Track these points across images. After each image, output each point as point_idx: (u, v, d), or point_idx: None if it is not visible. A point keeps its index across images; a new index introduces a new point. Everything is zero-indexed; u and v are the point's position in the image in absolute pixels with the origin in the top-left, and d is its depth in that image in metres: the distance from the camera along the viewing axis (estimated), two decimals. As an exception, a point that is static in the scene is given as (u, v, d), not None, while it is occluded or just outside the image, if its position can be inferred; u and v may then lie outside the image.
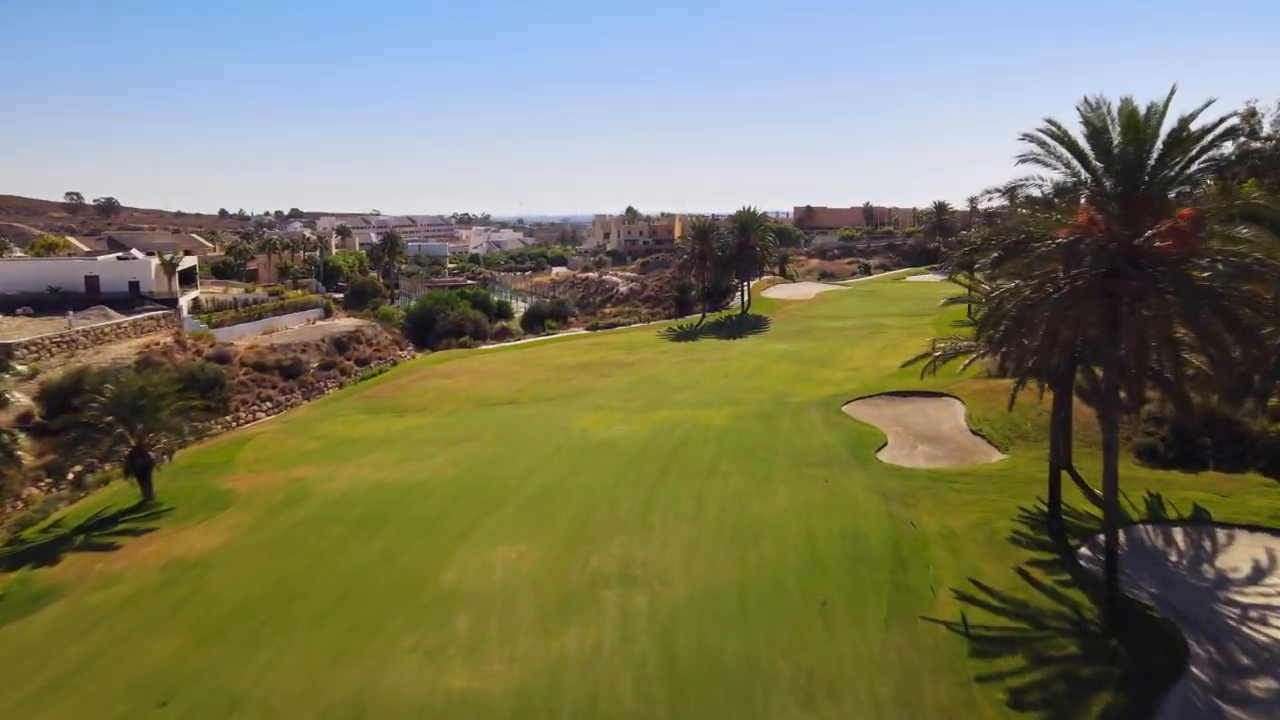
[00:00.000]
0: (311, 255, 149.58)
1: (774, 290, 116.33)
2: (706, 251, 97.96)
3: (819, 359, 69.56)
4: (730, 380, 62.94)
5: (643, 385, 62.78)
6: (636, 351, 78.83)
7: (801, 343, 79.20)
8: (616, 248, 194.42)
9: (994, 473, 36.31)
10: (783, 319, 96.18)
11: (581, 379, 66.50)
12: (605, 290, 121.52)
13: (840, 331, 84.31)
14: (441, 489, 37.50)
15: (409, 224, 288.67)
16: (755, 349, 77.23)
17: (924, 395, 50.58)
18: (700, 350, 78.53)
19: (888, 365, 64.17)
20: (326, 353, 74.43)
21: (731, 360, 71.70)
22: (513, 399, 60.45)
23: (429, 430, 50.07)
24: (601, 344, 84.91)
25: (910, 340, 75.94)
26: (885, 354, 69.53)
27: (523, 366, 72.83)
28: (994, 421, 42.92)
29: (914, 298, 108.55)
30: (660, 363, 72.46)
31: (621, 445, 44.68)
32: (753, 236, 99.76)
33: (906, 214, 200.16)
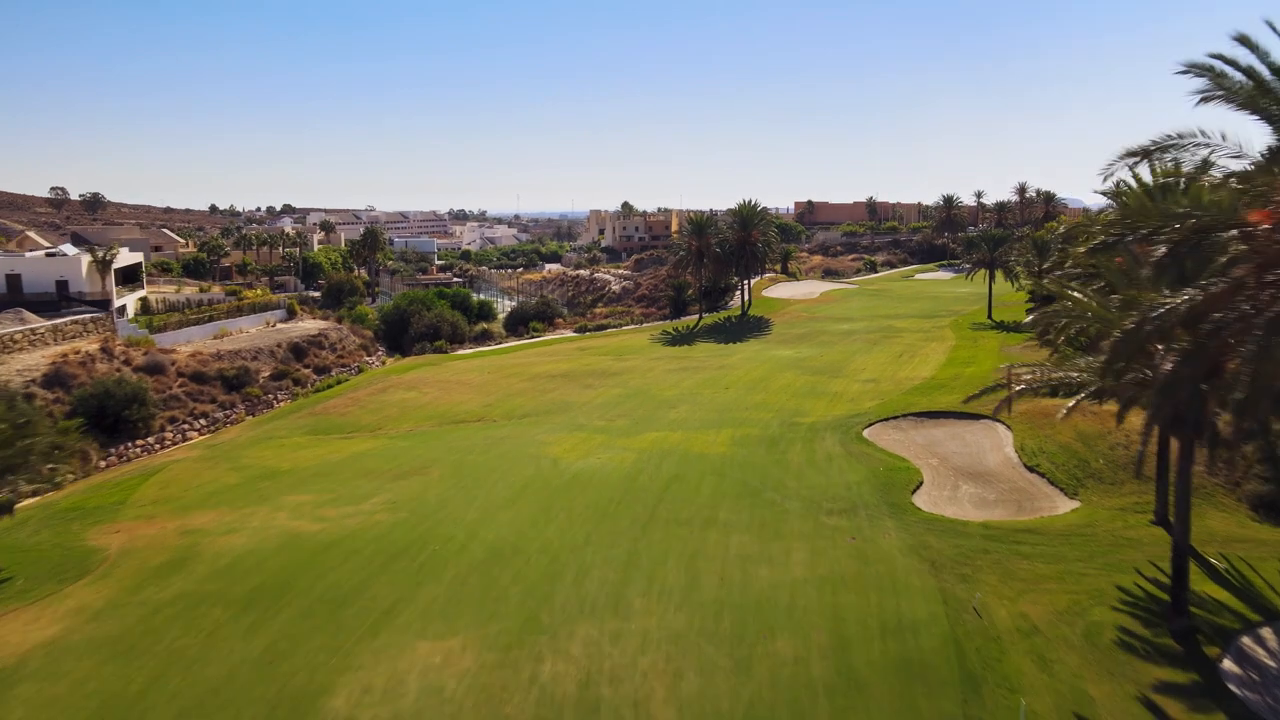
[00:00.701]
0: (291, 252, 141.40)
1: (776, 289, 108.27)
2: (704, 248, 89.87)
3: (829, 368, 61.50)
4: (730, 394, 54.89)
5: (631, 400, 54.73)
6: (626, 358, 70.78)
7: (808, 348, 71.16)
8: (611, 244, 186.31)
9: (1069, 529, 28.18)
10: (786, 321, 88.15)
11: (562, 391, 58.44)
12: (596, 289, 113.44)
13: (849, 335, 76.26)
14: (368, 547, 29.42)
15: (401, 219, 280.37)
16: (757, 356, 69.18)
17: (959, 418, 42.56)
18: (697, 357, 70.50)
19: (907, 376, 56.12)
20: (282, 360, 66.31)
21: (731, 369, 63.65)
22: (481, 415, 52.38)
23: (376, 458, 41.99)
24: (588, 349, 76.85)
25: (929, 346, 67.99)
26: (903, 363, 61.47)
27: (498, 376, 64.73)
28: (1053, 454, 34.83)
29: (925, 297, 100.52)
30: (652, 372, 64.42)
31: (600, 481, 36.64)
32: (754, 231, 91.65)
33: (911, 209, 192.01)
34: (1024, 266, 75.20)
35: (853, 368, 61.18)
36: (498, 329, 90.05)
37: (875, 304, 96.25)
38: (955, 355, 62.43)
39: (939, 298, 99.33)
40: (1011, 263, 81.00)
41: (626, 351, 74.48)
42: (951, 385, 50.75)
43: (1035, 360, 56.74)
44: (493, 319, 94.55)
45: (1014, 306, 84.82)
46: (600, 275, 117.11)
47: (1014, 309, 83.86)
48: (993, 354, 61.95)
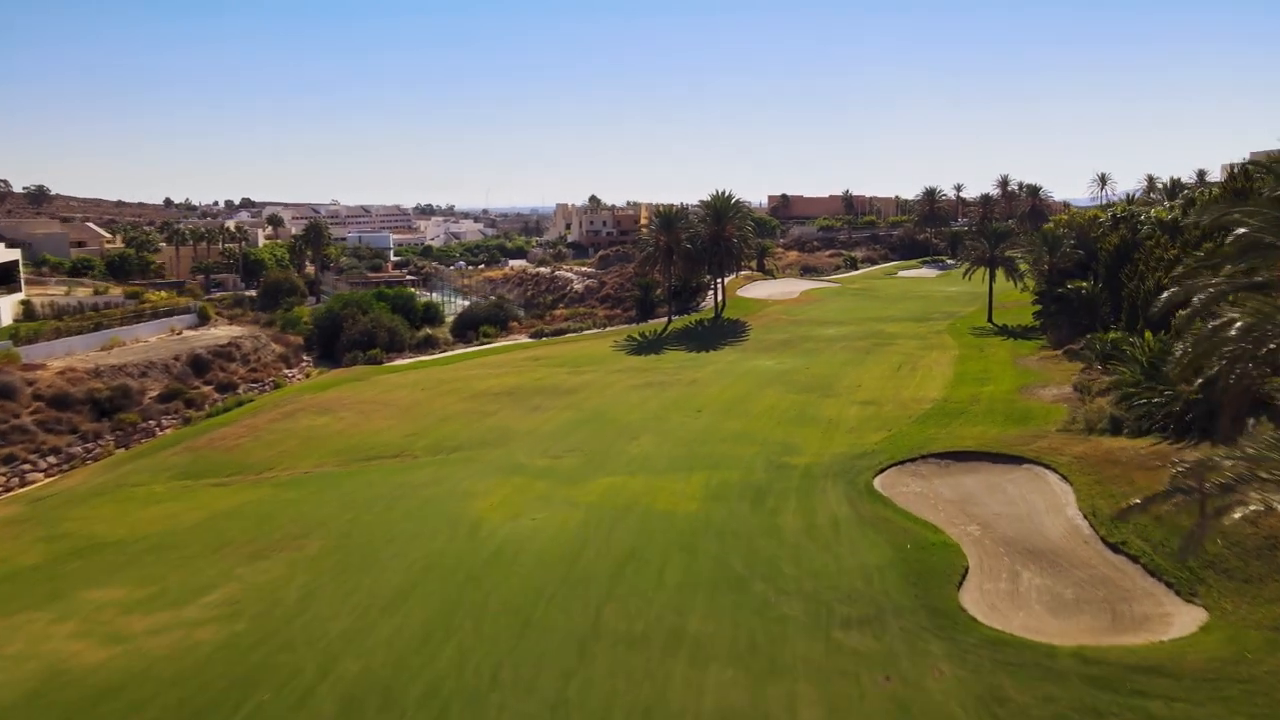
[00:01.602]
0: (230, 248, 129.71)
1: (752, 288, 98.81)
2: (673, 244, 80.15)
3: (819, 383, 52.04)
4: (704, 419, 45.28)
5: (585, 427, 44.96)
6: (584, 370, 60.93)
7: (792, 358, 61.71)
8: (578, 239, 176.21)
9: (1213, 668, 18.61)
10: (764, 324, 78.70)
11: (505, 414, 48.53)
12: (557, 288, 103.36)
13: (837, 342, 66.93)
14: (164, 695, 19.42)
15: (363, 214, 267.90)
16: (734, 367, 59.60)
17: (993, 460, 33.14)
18: (665, 368, 60.82)
19: (913, 396, 46.79)
20: (178, 376, 55.75)
21: (704, 385, 54.03)
22: (401, 450, 42.35)
23: (243, 520, 31.83)
24: (543, 359, 66.90)
25: (930, 356, 58.76)
26: (905, 378, 52.12)
27: (433, 394, 54.63)
28: (1142, 525, 25.42)
29: (914, 297, 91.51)
30: (612, 388, 54.63)
31: (531, 559, 26.86)
32: (728, 226, 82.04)
33: (889, 203, 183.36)
34: (1031, 264, 66.25)
35: (846, 384, 51.76)
36: (444, 335, 79.81)
37: (861, 305, 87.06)
38: (964, 369, 53.21)
39: (929, 297, 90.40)
40: (1018, 260, 72.06)
41: (585, 362, 64.65)
42: (971, 411, 41.42)
43: (1062, 375, 47.72)
44: (440, 323, 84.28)
45: (1015, 308, 75.94)
46: (562, 273, 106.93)
47: (1016, 311, 74.98)
48: (1007, 367, 52.82)
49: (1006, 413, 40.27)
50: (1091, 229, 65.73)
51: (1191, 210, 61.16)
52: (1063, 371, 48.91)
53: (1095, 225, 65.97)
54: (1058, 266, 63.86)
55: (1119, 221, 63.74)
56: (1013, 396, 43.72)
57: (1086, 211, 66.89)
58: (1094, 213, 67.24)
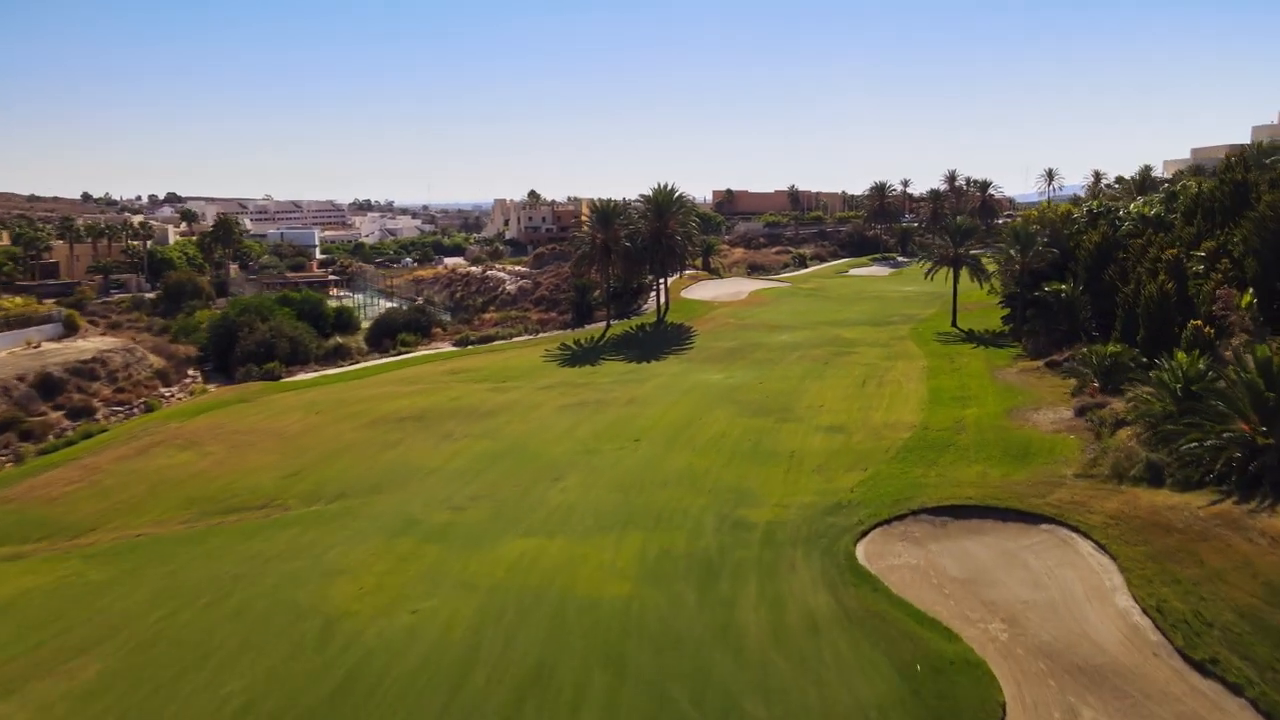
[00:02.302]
0: (134, 245, 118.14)
1: (697, 289, 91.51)
2: (611, 241, 72.39)
3: (775, 403, 44.88)
4: (642, 451, 37.73)
5: (501, 463, 37.09)
6: (508, 387, 52.93)
7: (743, 370, 54.50)
8: (516, 236, 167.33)
9: None
10: (711, 329, 71.46)
11: (409, 446, 40.44)
12: (488, 290, 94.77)
13: (792, 351, 59.92)
14: None
15: (294, 209, 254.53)
16: (679, 382, 52.15)
17: (1001, 516, 26.15)
18: (600, 383, 53.13)
19: (886, 421, 39.84)
20: (18, 401, 46.37)
21: (645, 406, 46.50)
22: (271, 498, 34.00)
23: (10, 620, 23.32)
24: (464, 372, 58.67)
25: (896, 368, 52.04)
26: (873, 396, 45.20)
27: (329, 419, 46.17)
28: (1230, 626, 18.44)
29: (869, 298, 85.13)
30: (539, 410, 46.79)
31: (399, 686, 19.06)
32: (671, 222, 74.57)
33: (835, 198, 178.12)
34: (1001, 264, 60.06)
35: (806, 403, 44.66)
36: (357, 344, 70.84)
37: (814, 307, 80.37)
38: (938, 385, 46.51)
39: (884, 298, 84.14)
40: (988, 258, 65.90)
41: (511, 376, 56.61)
42: (959, 443, 34.48)
43: (1052, 394, 41.22)
44: (353, 330, 75.29)
45: (979, 310, 69.94)
46: (494, 273, 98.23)
47: (981, 314, 68.95)
48: (986, 383, 46.25)
49: (1002, 445, 33.43)
50: (1065, 225, 59.76)
51: (1177, 205, 55.62)
52: (1051, 389, 42.44)
53: (1069, 222, 60.02)
54: (1030, 267, 57.71)
55: (1096, 217, 57.87)
56: (1003, 423, 36.97)
57: (1058, 206, 61.14)
58: (1066, 208, 61.41)
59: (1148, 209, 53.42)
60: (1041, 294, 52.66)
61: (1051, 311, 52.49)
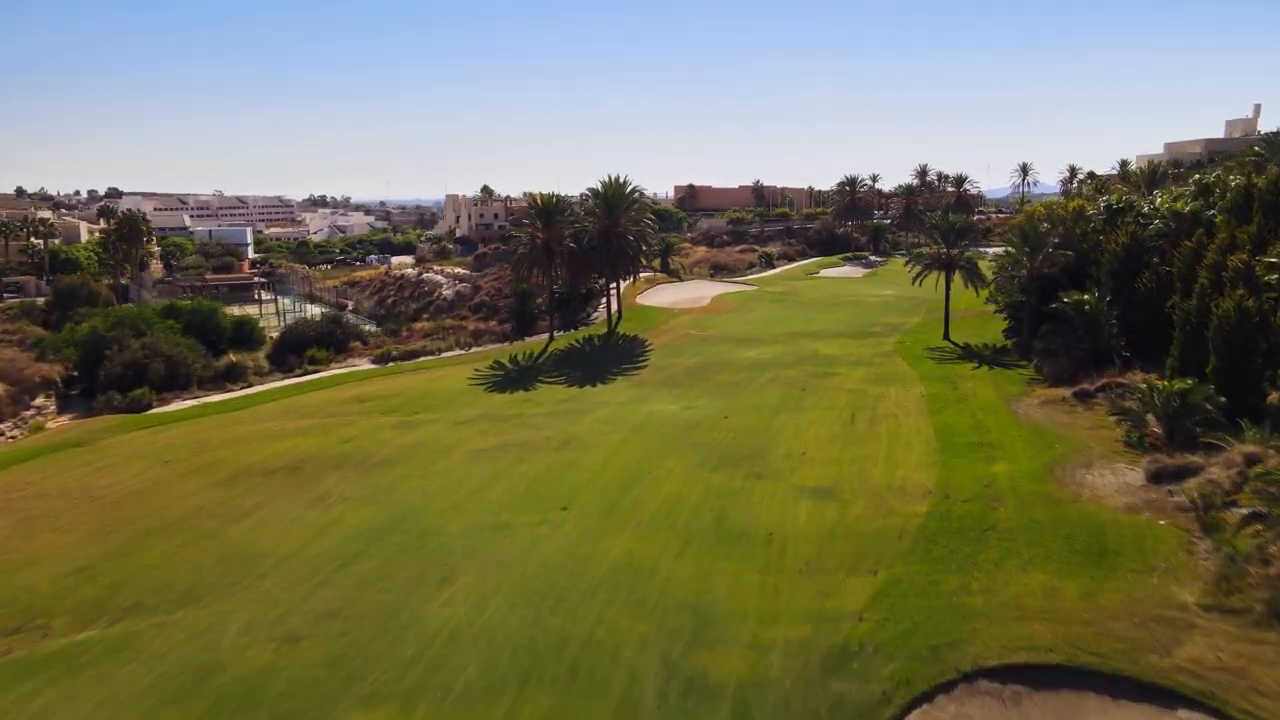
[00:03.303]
0: (33, 244, 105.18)
1: (655, 293, 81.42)
2: (554, 241, 62.10)
3: (746, 448, 35.04)
4: (568, 529, 27.66)
5: (379, 545, 26.84)
6: (420, 421, 42.56)
7: (705, 397, 44.63)
8: (467, 233, 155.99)
9: None
10: (669, 341, 61.50)
11: (263, 517, 30.02)
12: (423, 294, 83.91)
13: (762, 370, 50.19)
14: None
15: (239, 205, 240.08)
16: (627, 415, 42.11)
17: (1108, 688, 16.41)
18: (531, 417, 42.93)
19: (888, 478, 30.16)
20: None
21: (582, 449, 36.43)
22: (31, 617, 23.52)
23: None
24: (372, 399, 48.15)
25: (889, 395, 42.46)
26: (867, 437, 35.52)
27: (174, 474, 35.49)
28: None
29: (845, 304, 75.71)
30: (449, 457, 36.52)
31: None
32: (623, 219, 64.42)
33: (801, 193, 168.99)
34: (1005, 268, 50.78)
35: (784, 449, 34.86)
36: (257, 362, 59.81)
37: (784, 315, 70.73)
38: (947, 421, 36.93)
39: (862, 303, 74.79)
40: (990, 260, 56.66)
41: (428, 405, 46.22)
42: (1001, 527, 24.73)
43: (1099, 440, 31.80)
44: (255, 346, 64.12)
45: (972, 319, 60.78)
46: (431, 276, 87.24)
47: (975, 324, 59.77)
48: (1006, 420, 36.77)
49: (1062, 531, 23.80)
50: (1078, 224, 50.60)
51: (1215, 199, 46.66)
52: (1093, 432, 33.01)
53: (1081, 219, 50.85)
54: (1039, 272, 48.50)
55: (1116, 214, 48.74)
56: (1049, 488, 27.40)
57: (1068, 202, 52.10)
58: (1077, 203, 52.34)
59: (1180, 204, 44.33)
60: (1061, 306, 43.37)
61: (1071, 327, 43.22)
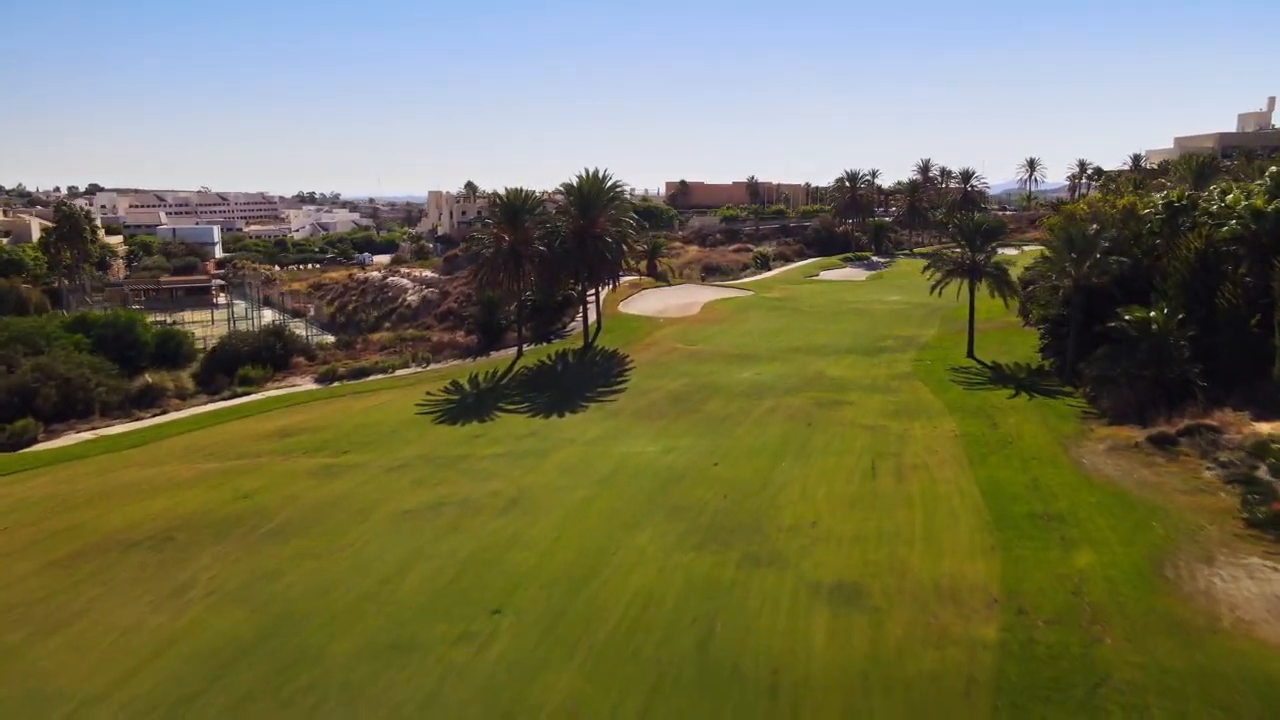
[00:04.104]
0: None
1: (639, 300, 73.32)
2: (520, 245, 53.96)
3: (739, 515, 27.00)
4: (493, 654, 19.56)
5: (238, 670, 18.65)
6: (346, 466, 34.41)
7: (691, 434, 36.60)
8: (449, 231, 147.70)
9: None
10: (652, 358, 53.45)
11: (99, 615, 21.91)
12: (387, 300, 75.80)
13: (760, 397, 42.22)
14: None
15: (219, 202, 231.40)
16: (594, 459, 34.03)
17: None
18: (480, 460, 34.84)
19: (931, 570, 22.08)
20: None
21: (533, 510, 28.36)
22: None
23: None
24: (299, 433, 40.02)
25: (915, 435, 34.39)
26: (893, 497, 27.46)
27: (5, 550, 27.35)
28: None
29: (850, 311, 67.73)
30: (368, 519, 28.45)
31: None
32: (600, 218, 56.29)
33: (797, 190, 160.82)
34: (1046, 275, 42.82)
35: (789, 516, 26.85)
36: (180, 383, 51.56)
37: (783, 325, 62.70)
38: (995, 477, 28.90)
39: (869, 312, 66.80)
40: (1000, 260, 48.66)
41: (362, 441, 38.12)
42: (1118, 678, 16.75)
43: (1195, 505, 23.84)
44: (183, 362, 55.89)
45: (996, 331, 52.89)
46: (396, 280, 79.06)
47: (1000, 338, 51.88)
48: (1065, 471, 28.80)
49: (1221, 701, 15.81)
50: (1128, 225, 42.64)
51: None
52: (1194, 498, 25.02)
53: (1133, 219, 42.87)
54: (1087, 281, 40.52)
55: (1178, 213, 40.71)
56: (1168, 602, 19.42)
57: (1116, 199, 44.17)
58: (1127, 199, 44.32)
59: (1260, 201, 36.34)
60: (1122, 325, 35.40)
61: (1133, 350, 35.28)
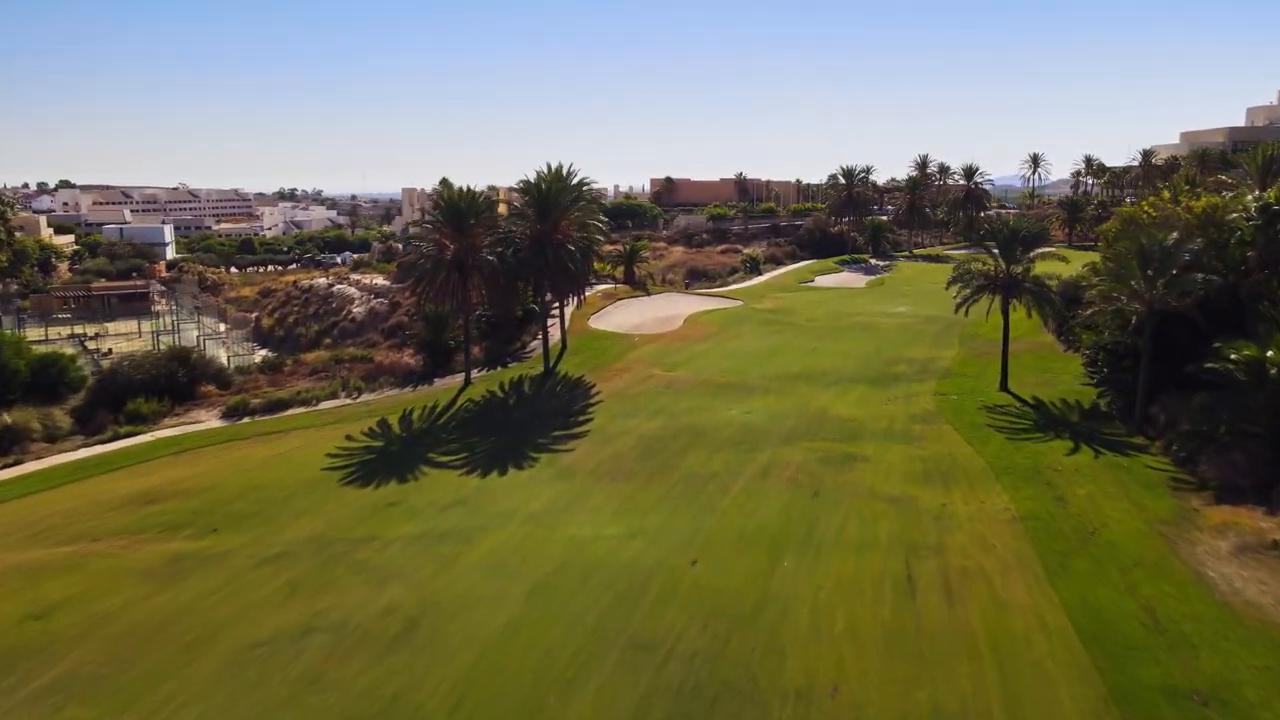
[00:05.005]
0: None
1: (613, 312, 64.23)
2: (467, 253, 44.90)
3: (727, 659, 18.01)
4: None
5: None
6: (207, 556, 25.30)
7: (662, 508, 27.62)
8: (420, 231, 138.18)
9: None
10: (623, 389, 44.50)
11: None
12: (331, 312, 66.55)
13: (753, 448, 33.31)
14: None
15: (190, 199, 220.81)
16: (533, 548, 25.02)
17: None
18: (387, 547, 25.85)
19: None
20: None
21: (432, 652, 19.28)
22: None
23: None
24: (163, 499, 30.86)
25: (963, 517, 25.23)
26: (950, 638, 18.51)
27: None
28: None
29: (852, 326, 58.83)
30: (196, 663, 19.38)
31: None
32: (563, 223, 47.29)
33: (788, 187, 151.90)
34: (1111, 294, 34.07)
35: (796, 676, 17.98)
36: (56, 420, 42.28)
37: (778, 344, 53.81)
38: (1095, 605, 20.15)
39: (875, 328, 57.91)
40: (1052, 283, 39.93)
41: (239, 515, 29.07)
42: None
43: None
44: (67, 394, 46.50)
45: (1025, 354, 44.23)
46: (343, 289, 69.75)
47: (1034, 362, 43.26)
48: (1189, 590, 20.12)
49: None
50: (1210, 231, 33.91)
51: None
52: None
53: (1215, 225, 34.13)
54: (1163, 305, 31.82)
55: (1276, 217, 31.98)
56: None
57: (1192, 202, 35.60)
58: (1208, 200, 35.58)
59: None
60: (1220, 364, 26.71)
61: (1245, 400, 26.59)
